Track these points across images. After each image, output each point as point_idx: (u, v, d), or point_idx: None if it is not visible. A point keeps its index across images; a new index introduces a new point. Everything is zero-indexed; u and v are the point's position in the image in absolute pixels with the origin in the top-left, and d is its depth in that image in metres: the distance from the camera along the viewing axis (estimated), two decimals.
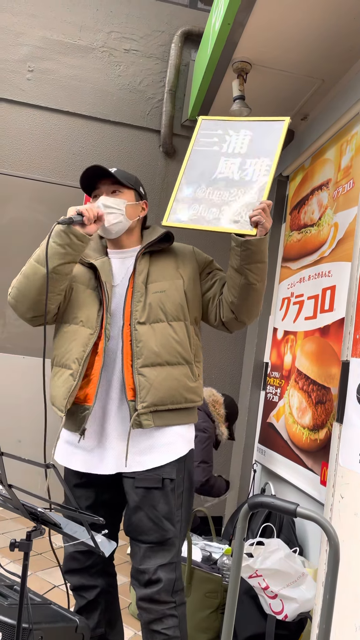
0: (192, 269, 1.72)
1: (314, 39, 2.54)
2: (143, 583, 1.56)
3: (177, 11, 3.86)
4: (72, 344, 1.61)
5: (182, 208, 1.67)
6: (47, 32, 3.70)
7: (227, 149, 1.71)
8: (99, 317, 1.61)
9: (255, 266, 1.56)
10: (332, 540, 0.95)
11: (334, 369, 2.36)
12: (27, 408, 3.51)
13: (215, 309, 1.70)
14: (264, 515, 2.57)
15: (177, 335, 1.61)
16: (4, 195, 3.57)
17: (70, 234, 1.56)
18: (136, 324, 1.59)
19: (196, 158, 1.74)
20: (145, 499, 1.56)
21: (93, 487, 1.66)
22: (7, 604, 1.48)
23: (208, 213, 1.63)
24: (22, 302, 1.63)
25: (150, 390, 1.55)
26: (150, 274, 1.67)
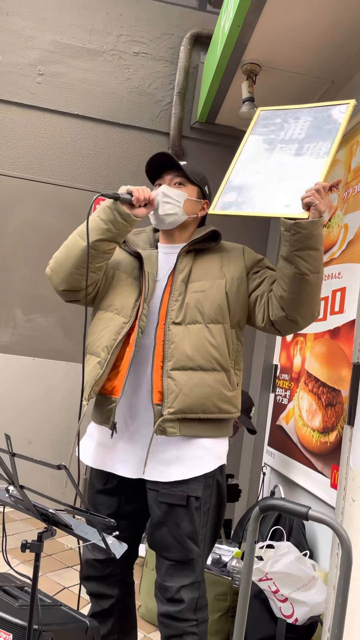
0: (238, 268, 1.60)
1: (323, 40, 2.53)
2: (166, 599, 1.51)
3: (186, 14, 3.87)
4: (104, 332, 1.54)
5: (231, 196, 1.55)
6: (57, 36, 3.72)
7: (285, 136, 1.59)
8: (135, 307, 1.54)
9: (307, 253, 1.40)
10: (344, 543, 0.94)
11: (344, 371, 2.35)
12: (37, 409, 3.52)
13: (263, 308, 1.54)
14: (273, 518, 2.56)
15: (214, 339, 1.50)
16: (15, 198, 3.59)
17: (114, 211, 1.51)
18: (171, 324, 1.50)
19: (250, 147, 1.63)
20: (169, 516, 1.50)
21: (117, 495, 1.59)
22: (17, 605, 1.48)
23: (257, 199, 1.50)
24: (57, 273, 1.58)
25: (179, 396, 1.46)
26: (192, 272, 1.57)
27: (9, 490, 1.32)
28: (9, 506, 1.33)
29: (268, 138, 1.61)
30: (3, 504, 1.33)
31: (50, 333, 3.58)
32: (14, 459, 1.18)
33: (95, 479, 1.62)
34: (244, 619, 1.12)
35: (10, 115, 3.64)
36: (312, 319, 1.52)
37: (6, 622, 1.39)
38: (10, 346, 3.53)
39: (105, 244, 1.53)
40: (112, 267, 1.65)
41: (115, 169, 3.74)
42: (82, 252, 1.52)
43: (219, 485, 1.57)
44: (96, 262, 1.55)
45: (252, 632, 1.99)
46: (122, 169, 3.75)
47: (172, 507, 1.49)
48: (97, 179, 3.71)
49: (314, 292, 1.45)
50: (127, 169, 3.75)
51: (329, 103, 1.59)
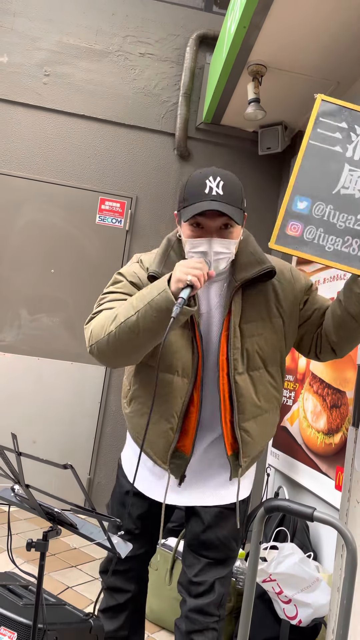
0: (292, 303, 1.47)
1: (329, 41, 2.53)
2: (195, 594, 1.54)
3: (192, 15, 3.87)
4: (170, 396, 1.43)
5: (295, 228, 1.31)
6: (63, 37, 3.73)
7: (354, 154, 1.32)
8: (194, 363, 1.42)
9: None
10: (349, 545, 0.94)
11: (349, 373, 2.34)
12: (42, 409, 3.53)
13: (311, 342, 1.50)
14: (277, 519, 2.56)
15: (274, 382, 1.48)
16: (20, 198, 3.61)
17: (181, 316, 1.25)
18: (236, 375, 1.41)
19: (311, 157, 1.32)
20: (217, 519, 1.53)
21: (149, 498, 1.57)
22: (22, 604, 1.49)
23: (327, 241, 1.30)
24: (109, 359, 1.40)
25: (251, 444, 1.48)
26: (244, 312, 1.42)
27: (14, 489, 1.32)
28: (15, 505, 1.34)
29: (333, 150, 1.32)
30: (8, 503, 1.34)
31: (55, 333, 3.59)
32: (20, 458, 1.18)
33: (126, 482, 1.61)
34: (248, 620, 1.12)
35: (16, 115, 3.66)
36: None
37: (11, 620, 1.39)
38: (15, 346, 3.54)
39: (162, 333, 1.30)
40: None
41: (121, 170, 3.75)
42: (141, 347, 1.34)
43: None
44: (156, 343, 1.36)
45: (256, 633, 1.99)
46: (127, 170, 3.75)
47: (222, 511, 1.53)
48: (103, 179, 3.72)
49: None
50: (132, 169, 3.75)
51: None
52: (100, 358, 1.40)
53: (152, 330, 1.28)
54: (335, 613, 1.72)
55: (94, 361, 3.62)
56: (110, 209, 3.68)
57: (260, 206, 3.80)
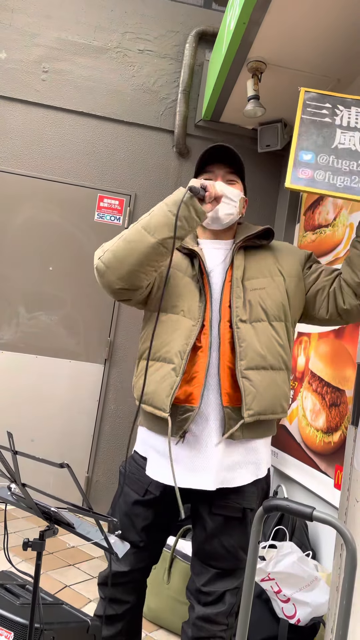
0: (294, 266, 1.56)
1: (329, 38, 2.51)
2: (204, 603, 1.50)
3: (191, 11, 3.86)
4: (173, 335, 1.43)
5: (305, 172, 1.46)
6: (62, 33, 3.71)
7: (341, 122, 1.53)
8: (200, 307, 1.45)
9: None
10: (349, 544, 0.93)
11: (349, 371, 2.33)
12: (40, 407, 3.52)
13: (327, 300, 1.51)
14: (276, 518, 2.55)
15: (279, 338, 1.47)
16: (18, 195, 3.59)
17: (191, 207, 1.38)
18: (238, 321, 1.43)
19: (307, 127, 1.55)
20: (223, 528, 1.47)
21: (153, 507, 1.53)
22: (19, 603, 1.48)
23: (336, 180, 1.44)
24: (114, 269, 1.41)
25: (257, 397, 1.40)
26: (246, 270, 1.51)
27: (11, 488, 1.31)
28: (11, 504, 1.33)
29: (324, 121, 1.54)
30: (5, 501, 1.33)
31: (53, 331, 3.57)
32: (16, 456, 1.17)
33: (131, 488, 1.55)
34: (247, 619, 1.11)
35: (14, 112, 3.64)
36: None
37: (8, 620, 1.38)
38: (13, 344, 3.53)
39: (171, 243, 1.39)
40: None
41: (120, 167, 3.73)
42: (150, 249, 1.38)
43: (268, 486, 1.57)
44: (161, 261, 1.42)
45: (254, 632, 1.98)
46: (126, 167, 3.74)
47: (227, 519, 1.47)
48: (101, 176, 3.70)
49: None
50: (131, 166, 3.74)
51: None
52: (107, 270, 1.42)
53: (163, 225, 1.37)
54: (334, 612, 1.71)
55: (93, 359, 3.61)
56: (108, 206, 3.66)
57: (259, 204, 3.79)
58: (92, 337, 3.61)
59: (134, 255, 1.39)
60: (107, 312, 3.61)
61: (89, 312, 3.59)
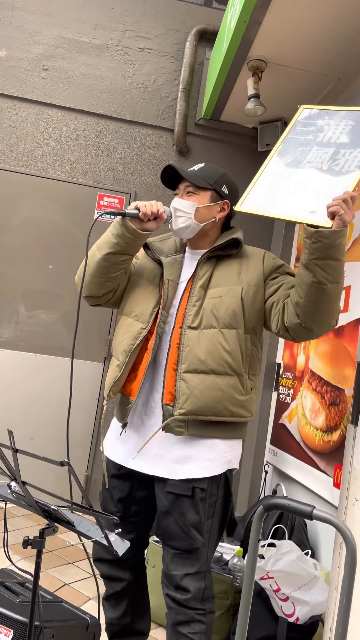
0: (255, 274, 1.61)
1: (330, 37, 2.51)
2: (173, 586, 1.55)
3: (192, 10, 3.85)
4: (124, 336, 1.61)
5: (258, 194, 1.54)
6: (62, 31, 3.70)
7: (323, 138, 1.56)
8: (152, 313, 1.60)
9: (326, 263, 1.38)
10: (349, 543, 0.94)
11: (348, 370, 2.34)
12: (40, 406, 3.52)
13: (278, 314, 1.55)
14: (275, 516, 2.55)
15: (227, 344, 1.53)
16: (19, 193, 3.58)
17: (122, 226, 1.57)
18: (187, 328, 1.55)
19: (287, 146, 1.61)
20: (175, 505, 1.53)
21: (130, 480, 1.65)
22: (18, 601, 1.48)
23: (284, 201, 1.48)
24: (78, 280, 1.69)
25: (190, 398, 1.50)
26: (212, 278, 1.61)
27: (11, 486, 1.31)
28: (11, 502, 1.33)
29: (306, 139, 1.59)
30: (5, 499, 1.33)
31: (52, 329, 3.57)
32: (16, 455, 1.17)
33: (111, 465, 1.70)
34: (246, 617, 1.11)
35: (14, 110, 3.63)
36: (329, 328, 1.51)
37: (7, 618, 1.38)
38: (12, 342, 3.53)
39: (116, 257, 1.59)
40: (136, 274, 1.71)
41: (119, 165, 3.73)
42: (98, 264, 1.60)
43: (227, 481, 1.60)
44: (110, 273, 1.62)
45: (253, 630, 1.98)
46: (126, 165, 3.73)
47: (178, 497, 1.53)
48: (101, 175, 3.70)
49: (331, 302, 1.44)
50: (131, 165, 3.74)
51: None
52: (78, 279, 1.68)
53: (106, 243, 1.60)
54: (333, 611, 1.71)
55: (92, 358, 3.61)
56: (108, 204, 3.66)
57: None
58: (92, 335, 3.60)
59: (90, 268, 1.63)
60: (107, 311, 3.61)
61: (88, 311, 3.59)
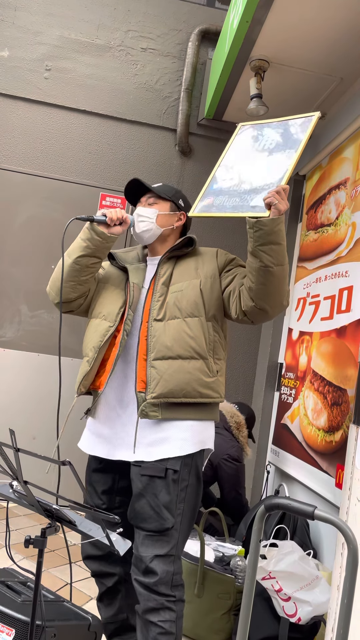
0: (210, 268, 1.77)
1: (332, 36, 2.51)
2: (141, 570, 1.56)
3: (194, 10, 3.85)
4: (93, 335, 1.72)
5: (208, 200, 1.74)
6: (65, 31, 3.71)
7: (259, 147, 1.77)
8: (119, 312, 1.72)
9: (269, 248, 1.55)
10: (351, 544, 0.93)
11: (350, 370, 2.33)
12: (42, 405, 3.52)
13: (236, 301, 1.69)
14: (277, 516, 2.55)
15: (190, 331, 1.66)
16: (21, 193, 3.59)
17: (91, 230, 1.73)
18: (152, 321, 1.68)
19: (230, 157, 1.82)
20: (149, 487, 1.60)
21: (111, 472, 1.73)
22: (20, 600, 1.48)
23: (230, 202, 1.67)
24: (51, 288, 1.80)
25: (160, 382, 1.60)
26: (173, 276, 1.76)
27: (12, 485, 1.31)
28: (13, 501, 1.33)
29: (245, 149, 1.79)
30: (7, 499, 1.33)
31: (55, 329, 3.57)
32: (18, 454, 1.17)
33: (91, 461, 1.79)
34: (248, 617, 1.11)
35: (17, 110, 3.64)
36: (281, 308, 1.67)
37: (9, 617, 1.39)
38: (15, 342, 3.53)
39: (86, 259, 1.73)
40: (103, 282, 1.83)
41: (122, 165, 3.73)
42: (68, 268, 1.74)
43: (197, 467, 1.67)
44: (82, 276, 1.75)
45: (255, 631, 1.98)
46: (128, 166, 3.74)
47: (151, 478, 1.60)
48: (103, 175, 3.70)
49: (279, 283, 1.59)
50: (133, 165, 3.74)
51: (299, 116, 1.77)
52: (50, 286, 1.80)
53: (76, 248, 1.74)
54: (335, 611, 1.71)
55: None
56: (111, 204, 3.66)
57: None
58: None
59: (67, 275, 1.75)
60: None
61: None
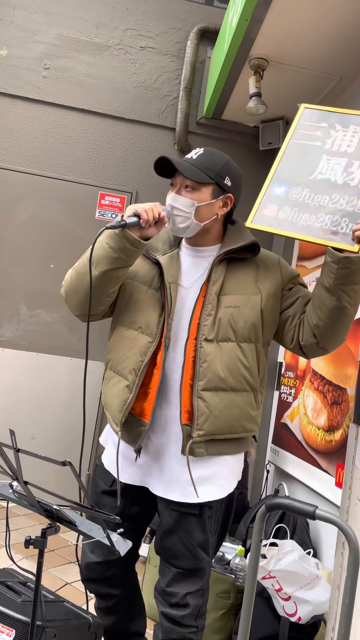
0: (273, 284, 1.50)
1: (331, 36, 2.50)
2: (169, 604, 1.48)
3: (193, 8, 3.84)
4: (130, 352, 1.46)
5: (271, 209, 1.45)
6: (63, 30, 3.70)
7: (332, 146, 1.46)
8: (159, 323, 1.45)
9: (352, 288, 1.34)
10: (352, 543, 0.93)
11: (350, 370, 2.33)
12: (41, 405, 3.52)
13: (294, 330, 1.48)
14: (277, 516, 2.55)
15: (246, 360, 1.44)
16: (20, 192, 3.58)
17: (123, 238, 1.38)
18: (203, 341, 1.42)
19: (293, 152, 1.50)
20: (181, 524, 1.45)
21: (122, 497, 1.52)
22: (20, 601, 1.48)
23: (301, 218, 1.40)
24: (71, 298, 1.52)
25: (210, 418, 1.40)
26: (225, 284, 1.47)
27: (12, 485, 1.31)
28: (13, 502, 1.32)
29: (313, 145, 1.48)
30: (7, 499, 1.33)
31: (54, 329, 3.57)
32: (18, 454, 1.17)
33: (100, 479, 1.57)
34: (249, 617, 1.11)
35: (15, 109, 3.63)
36: (339, 345, 1.48)
37: (9, 617, 1.38)
38: (14, 341, 3.53)
39: (118, 271, 1.43)
40: (130, 278, 1.53)
41: (121, 164, 3.72)
42: (96, 279, 1.43)
43: (230, 496, 1.53)
44: (110, 288, 1.46)
45: (255, 630, 1.98)
46: (127, 165, 3.73)
47: (184, 515, 1.45)
48: (103, 174, 3.70)
49: (349, 323, 1.41)
50: (132, 164, 3.73)
51: None
52: (67, 299, 1.53)
53: (103, 258, 1.40)
54: (335, 610, 1.71)
55: (94, 357, 3.59)
56: (110, 204, 3.66)
57: None
58: (93, 333, 3.59)
59: (82, 287, 1.45)
60: None
61: None
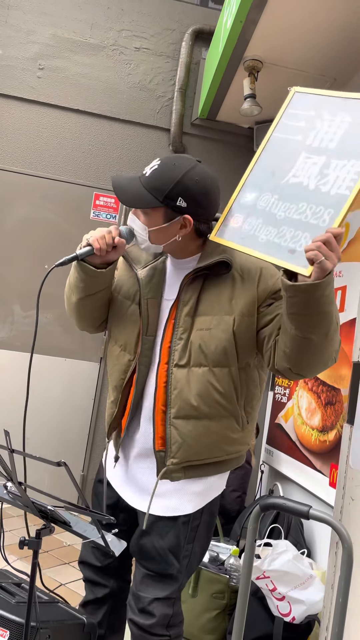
0: (247, 302, 1.34)
1: (326, 37, 2.52)
2: (138, 609, 1.43)
3: (188, 9, 3.85)
4: (114, 369, 1.47)
5: (237, 220, 1.32)
6: (58, 30, 3.69)
7: (312, 141, 1.28)
8: (137, 341, 1.42)
9: (309, 317, 1.16)
10: (345, 543, 0.94)
11: (344, 370, 2.34)
12: (35, 406, 3.51)
13: (270, 351, 1.33)
14: (272, 516, 2.56)
15: (220, 385, 1.34)
16: (14, 193, 3.57)
17: (80, 271, 1.38)
18: (174, 367, 1.35)
19: (273, 149, 1.34)
20: (154, 526, 1.41)
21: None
22: (14, 601, 1.48)
23: (263, 232, 1.26)
24: (70, 317, 1.61)
25: (183, 446, 1.35)
26: (199, 303, 1.36)
27: (7, 486, 1.31)
28: (7, 502, 1.32)
29: (294, 140, 1.32)
30: (1, 500, 1.32)
31: (48, 329, 3.56)
32: (12, 455, 1.17)
33: (101, 470, 1.62)
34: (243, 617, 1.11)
35: (10, 109, 3.62)
36: (324, 369, 1.32)
37: (3, 619, 1.38)
38: (8, 342, 3.52)
39: (90, 298, 1.45)
40: (117, 292, 1.51)
41: (115, 165, 3.72)
42: (77, 308, 1.50)
43: (211, 505, 1.47)
44: (95, 310, 1.51)
45: (249, 630, 1.98)
46: (122, 165, 3.73)
47: (158, 518, 1.41)
48: (97, 174, 3.70)
49: (321, 351, 1.23)
50: (127, 165, 3.73)
51: None
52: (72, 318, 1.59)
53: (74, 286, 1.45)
54: (329, 610, 1.72)
55: (88, 357, 3.60)
56: (104, 204, 3.66)
57: None
58: (88, 335, 3.59)
59: (71, 311, 1.55)
60: None
61: None
